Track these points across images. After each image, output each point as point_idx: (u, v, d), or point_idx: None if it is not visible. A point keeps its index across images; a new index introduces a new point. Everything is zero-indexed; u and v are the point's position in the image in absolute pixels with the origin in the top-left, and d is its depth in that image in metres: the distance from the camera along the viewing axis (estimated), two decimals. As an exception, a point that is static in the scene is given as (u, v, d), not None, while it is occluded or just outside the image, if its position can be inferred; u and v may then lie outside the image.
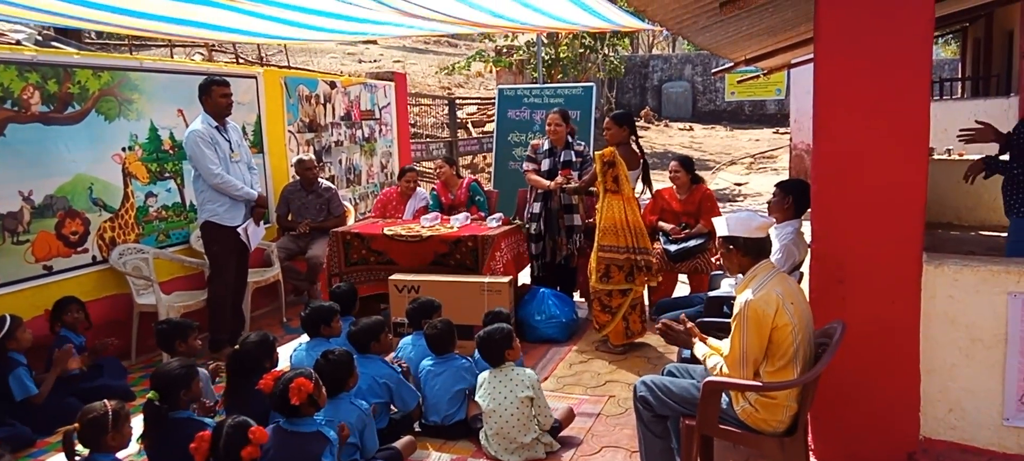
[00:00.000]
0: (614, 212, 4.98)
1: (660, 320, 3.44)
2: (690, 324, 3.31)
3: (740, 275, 3.07)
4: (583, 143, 6.10)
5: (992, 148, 4.41)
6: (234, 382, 3.69)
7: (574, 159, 5.89)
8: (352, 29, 6.35)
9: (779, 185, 4.48)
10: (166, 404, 3.21)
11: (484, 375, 3.80)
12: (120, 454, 3.08)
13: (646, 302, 6.10)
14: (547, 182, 5.82)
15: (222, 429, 2.97)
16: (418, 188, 6.87)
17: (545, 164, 5.92)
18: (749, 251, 3.00)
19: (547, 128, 5.92)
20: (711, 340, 3.26)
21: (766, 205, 4.58)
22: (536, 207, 5.93)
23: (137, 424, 3.21)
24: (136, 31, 6.18)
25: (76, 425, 2.92)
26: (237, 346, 3.78)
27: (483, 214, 6.23)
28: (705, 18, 4.33)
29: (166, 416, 3.21)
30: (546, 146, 5.96)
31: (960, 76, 15.28)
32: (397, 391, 3.89)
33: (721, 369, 3.00)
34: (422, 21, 6.00)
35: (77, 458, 2.98)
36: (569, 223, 5.90)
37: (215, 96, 5.16)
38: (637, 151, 5.47)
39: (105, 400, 3.00)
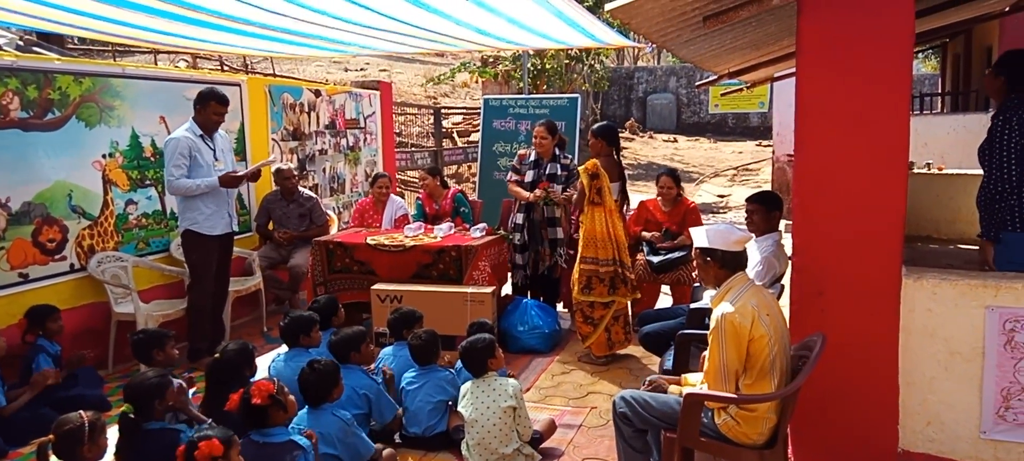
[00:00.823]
0: (596, 224, 5.00)
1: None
2: (657, 379, 3.33)
3: (716, 287, 3.08)
4: (570, 156, 6.12)
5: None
6: (213, 391, 3.64)
7: (560, 172, 5.90)
8: (337, 46, 6.35)
9: (749, 200, 4.47)
10: (140, 416, 3.16)
11: (467, 385, 3.79)
12: None
13: (629, 313, 6.11)
14: (526, 194, 5.83)
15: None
16: (392, 195, 6.85)
17: (529, 175, 5.92)
18: (726, 264, 3.02)
19: (533, 140, 5.93)
20: (687, 376, 3.29)
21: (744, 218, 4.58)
22: (519, 218, 5.93)
23: (114, 434, 3.16)
24: (121, 40, 6.15)
25: (51, 436, 2.87)
26: (217, 355, 3.74)
27: (468, 225, 6.22)
28: (689, 32, 4.35)
29: (140, 428, 3.16)
30: (532, 157, 5.97)
31: (940, 91, 15.47)
32: (376, 402, 3.87)
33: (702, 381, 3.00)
34: (408, 38, 6.03)
35: None
36: (552, 236, 5.90)
37: (210, 111, 5.15)
38: (618, 164, 5.51)
39: (81, 411, 2.95)
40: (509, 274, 6.11)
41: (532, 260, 5.94)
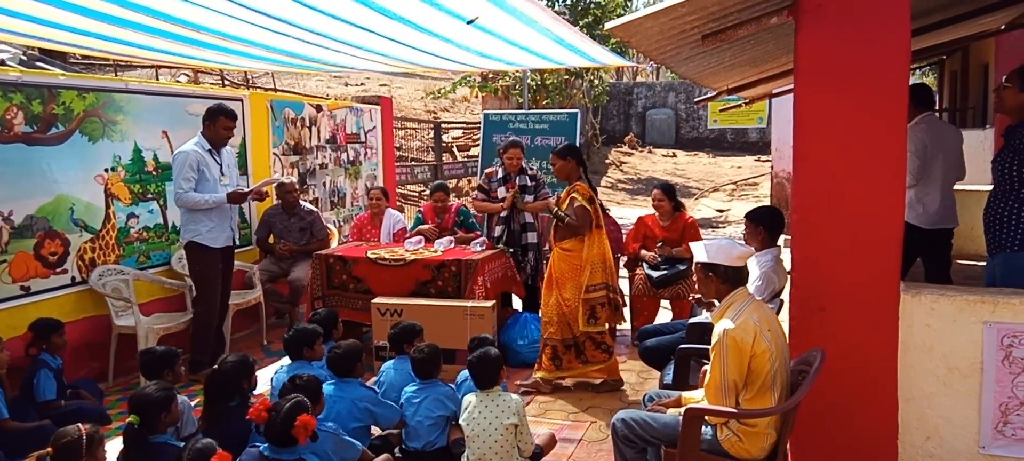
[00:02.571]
0: (596, 247, 4.91)
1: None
2: (653, 403, 3.35)
3: (716, 302, 3.09)
4: (536, 167, 6.26)
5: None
6: (212, 404, 3.65)
7: (529, 183, 6.08)
8: (338, 61, 6.40)
9: (749, 216, 4.49)
10: (145, 428, 3.17)
11: (470, 398, 3.77)
12: None
13: (626, 328, 6.13)
14: (497, 205, 6.03)
15: (184, 454, 2.93)
16: (389, 209, 6.85)
17: (500, 191, 6.08)
18: (728, 279, 3.03)
19: (507, 161, 6.07)
20: (685, 394, 3.31)
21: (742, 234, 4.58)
22: (498, 230, 6.07)
23: (113, 447, 3.17)
24: (122, 57, 6.21)
25: (49, 449, 2.87)
26: (215, 367, 3.74)
27: (479, 232, 6.29)
28: (688, 49, 4.39)
29: (145, 440, 3.17)
30: (500, 174, 6.13)
31: (937, 108, 15.52)
32: (376, 410, 3.89)
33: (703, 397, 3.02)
34: (405, 61, 6.14)
35: None
36: (526, 241, 6.09)
37: (219, 126, 5.22)
38: (590, 182, 5.25)
39: (78, 424, 2.96)
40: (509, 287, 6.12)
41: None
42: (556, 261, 4.99)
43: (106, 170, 5.47)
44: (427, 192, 13.66)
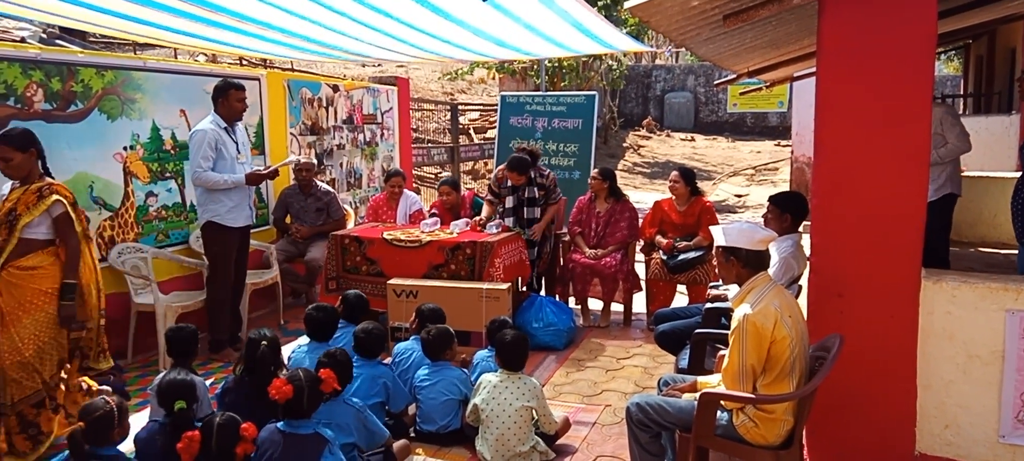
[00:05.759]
0: (87, 268, 4.01)
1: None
2: (669, 387, 3.34)
3: (736, 286, 3.06)
4: (548, 172, 6.20)
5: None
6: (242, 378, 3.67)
7: (537, 194, 6.02)
8: (356, 49, 6.39)
9: (773, 199, 4.46)
10: (189, 411, 3.22)
11: (488, 377, 3.78)
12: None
13: (642, 312, 6.11)
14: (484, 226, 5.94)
15: (212, 427, 2.97)
16: (406, 190, 6.86)
17: (510, 201, 6.04)
18: (749, 263, 3.00)
19: (512, 182, 5.95)
20: (700, 378, 3.29)
21: (762, 218, 4.54)
22: (509, 221, 6.02)
23: (136, 421, 3.21)
24: (140, 37, 6.23)
25: (81, 424, 2.92)
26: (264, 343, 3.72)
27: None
28: (708, 30, 4.32)
29: (192, 423, 3.22)
30: (510, 183, 6.03)
31: (962, 93, 15.30)
32: (393, 389, 3.93)
33: (719, 382, 3.00)
34: (425, 50, 6.12)
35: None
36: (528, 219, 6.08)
37: (231, 100, 5.20)
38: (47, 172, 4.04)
39: (104, 397, 3.01)
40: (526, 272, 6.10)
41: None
42: (11, 286, 3.70)
43: (125, 148, 5.50)
44: (443, 174, 13.66)
